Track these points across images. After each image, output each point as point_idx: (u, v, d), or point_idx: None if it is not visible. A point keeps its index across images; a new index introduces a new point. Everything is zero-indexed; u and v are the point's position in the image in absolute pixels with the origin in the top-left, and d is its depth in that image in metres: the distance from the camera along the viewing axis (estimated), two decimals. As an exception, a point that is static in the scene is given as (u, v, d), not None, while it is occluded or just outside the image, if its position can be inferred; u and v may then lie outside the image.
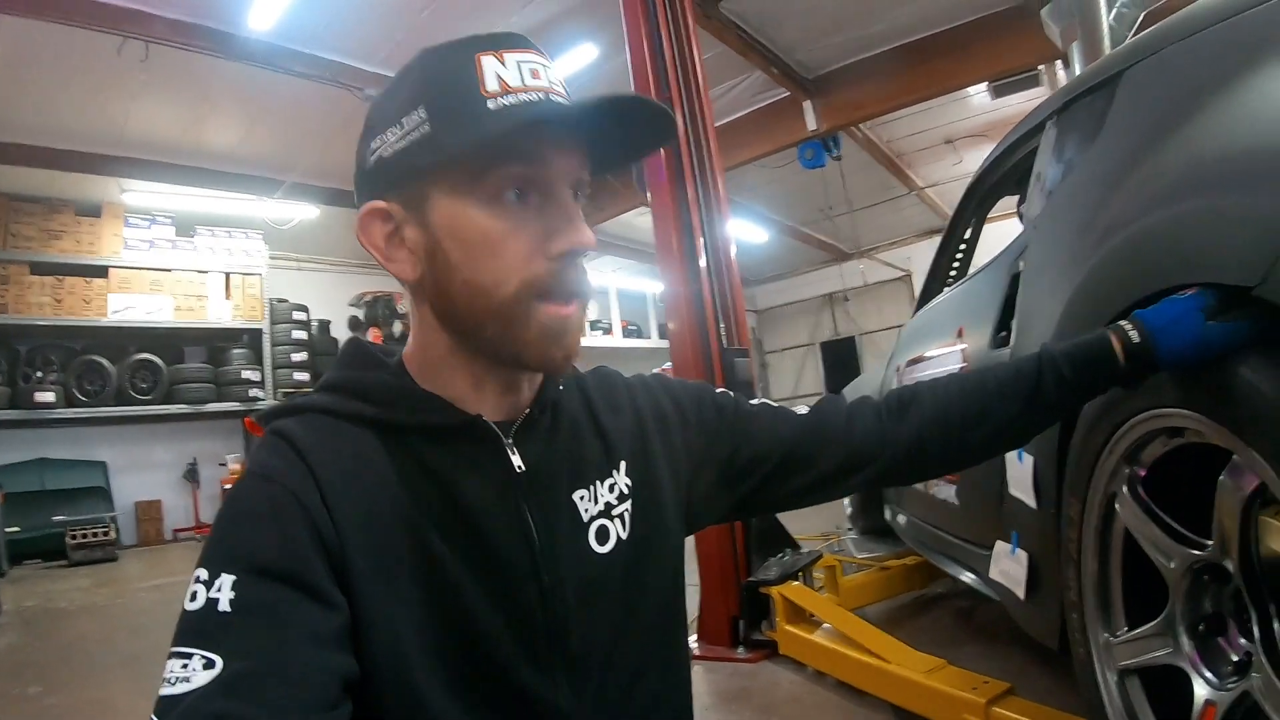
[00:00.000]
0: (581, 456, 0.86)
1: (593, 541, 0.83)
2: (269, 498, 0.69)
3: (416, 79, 0.74)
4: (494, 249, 0.72)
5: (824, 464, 0.95)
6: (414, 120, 0.72)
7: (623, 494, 0.87)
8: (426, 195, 0.73)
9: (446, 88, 0.72)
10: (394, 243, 0.77)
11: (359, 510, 0.71)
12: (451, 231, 0.73)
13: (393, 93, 0.76)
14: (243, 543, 0.66)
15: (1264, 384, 0.79)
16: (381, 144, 0.75)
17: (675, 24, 3.33)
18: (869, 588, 3.08)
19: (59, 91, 5.93)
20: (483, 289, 0.73)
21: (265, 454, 0.74)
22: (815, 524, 4.85)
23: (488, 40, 0.73)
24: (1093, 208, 1.33)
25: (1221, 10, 1.13)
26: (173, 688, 0.59)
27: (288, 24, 5.43)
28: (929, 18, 6.46)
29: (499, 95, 0.71)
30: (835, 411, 0.99)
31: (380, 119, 0.76)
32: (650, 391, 0.97)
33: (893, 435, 0.96)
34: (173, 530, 8.47)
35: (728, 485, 0.96)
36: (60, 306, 7.71)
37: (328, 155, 7.49)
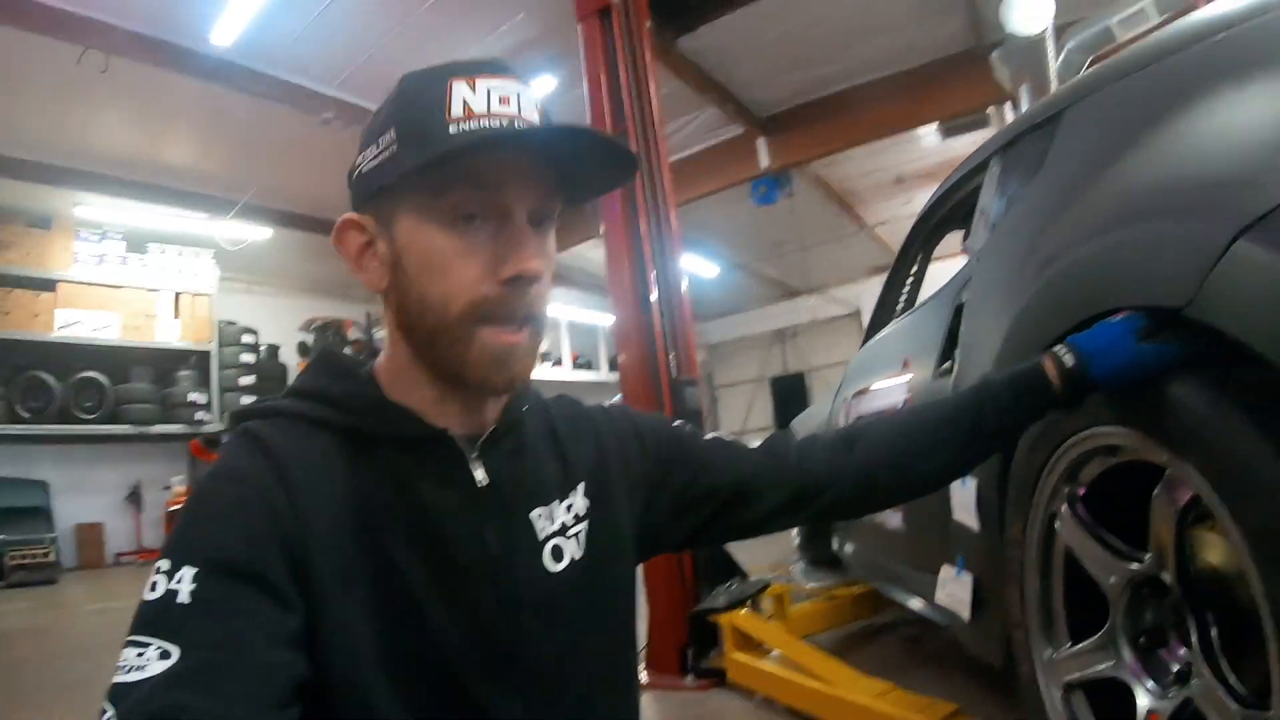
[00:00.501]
0: (541, 476, 0.88)
1: (547, 559, 0.84)
2: (236, 496, 0.70)
3: (394, 101, 0.78)
4: (444, 268, 0.75)
5: (774, 498, 0.99)
6: (386, 140, 0.76)
7: (579, 515, 0.89)
8: (394, 211, 0.77)
9: (415, 111, 0.75)
10: (367, 254, 0.80)
11: (324, 514, 0.72)
12: (410, 247, 0.76)
13: (377, 114, 0.80)
14: (207, 537, 0.67)
15: (1194, 400, 0.83)
16: (362, 160, 0.79)
17: (633, 58, 3.38)
18: (817, 616, 3.10)
19: (15, 99, 5.80)
20: (432, 306, 0.75)
21: (234, 452, 0.75)
22: (764, 554, 4.86)
23: (465, 66, 0.76)
24: (1033, 239, 1.39)
25: (1152, 54, 1.20)
26: (127, 675, 0.59)
27: (248, 42, 5.38)
28: (881, 60, 6.64)
29: (461, 120, 0.73)
30: (786, 447, 1.03)
31: (365, 137, 0.79)
32: (612, 421, 1.00)
33: (840, 470, 1.00)
34: (114, 554, 8.18)
35: (681, 515, 0.99)
36: (6, 319, 7.46)
37: (283, 177, 7.42)
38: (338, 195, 3.83)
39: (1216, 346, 0.80)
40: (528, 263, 0.75)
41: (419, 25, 5.48)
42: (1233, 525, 0.79)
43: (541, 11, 5.41)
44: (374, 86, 6.16)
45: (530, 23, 5.59)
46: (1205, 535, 0.92)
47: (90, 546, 8.01)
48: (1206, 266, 0.78)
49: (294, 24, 5.36)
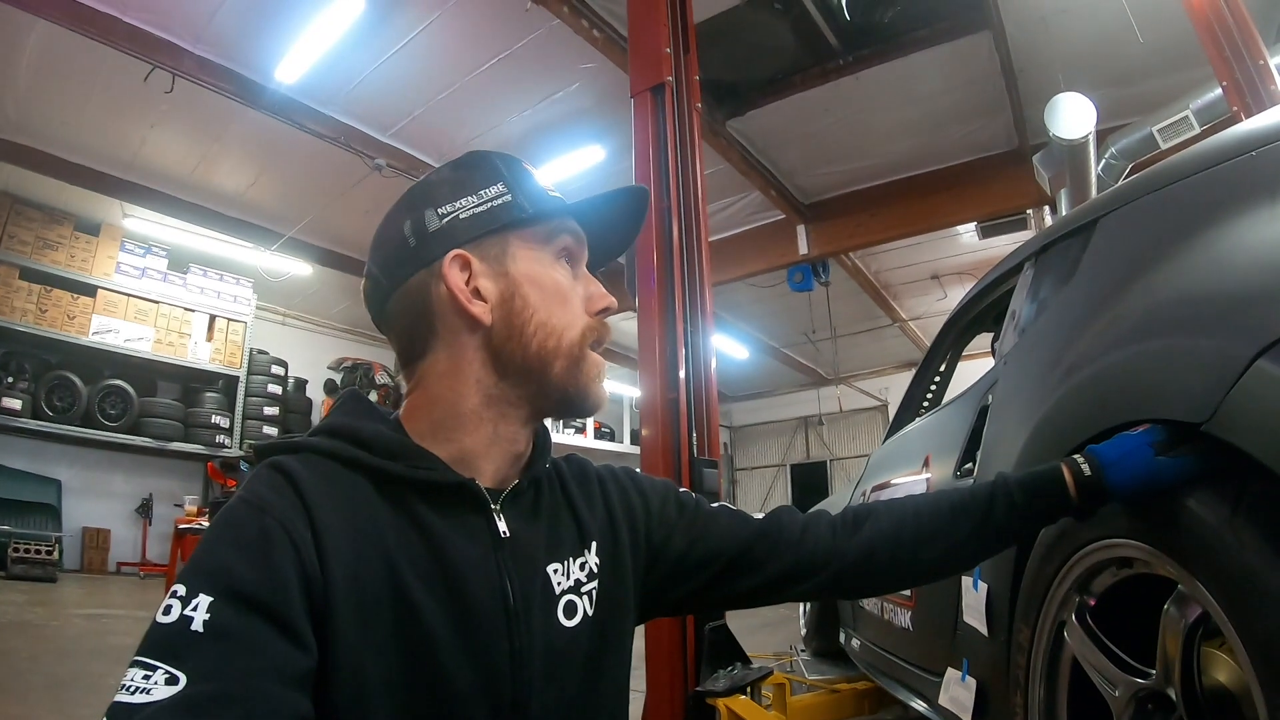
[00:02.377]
0: (558, 532, 0.91)
1: (561, 614, 0.86)
2: (261, 528, 0.70)
3: (485, 165, 0.91)
4: (565, 298, 0.88)
5: (772, 568, 1.00)
6: (495, 191, 0.87)
7: (592, 573, 0.91)
8: (505, 250, 0.87)
9: (516, 175, 0.90)
10: (472, 288, 0.86)
11: (347, 555, 0.73)
12: (530, 278, 0.87)
13: (454, 175, 0.91)
14: (227, 567, 0.67)
15: (1209, 516, 0.83)
16: (456, 208, 0.87)
17: (681, 136, 3.45)
18: (817, 709, 3.02)
19: (81, 106, 6.01)
20: (556, 330, 0.87)
21: (262, 485, 0.75)
22: (770, 642, 4.78)
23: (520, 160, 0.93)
24: (1060, 346, 1.40)
25: (1187, 167, 1.22)
26: (131, 696, 0.59)
27: (312, 81, 5.61)
28: (925, 155, 6.76)
29: (550, 190, 0.91)
30: (791, 520, 1.04)
31: (447, 192, 0.88)
32: (619, 483, 1.02)
33: (843, 547, 1.01)
34: (117, 563, 8.17)
35: (679, 579, 1.00)
36: (43, 317, 7.63)
37: (330, 216, 7.61)
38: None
39: (1234, 463, 0.80)
40: (611, 299, 0.93)
41: (476, 86, 5.70)
42: (1239, 643, 0.78)
43: (596, 84, 5.61)
44: (426, 139, 6.39)
45: (584, 93, 5.78)
46: (1213, 653, 0.90)
47: (94, 551, 8.03)
48: (1227, 384, 0.78)
49: (357, 70, 5.58)
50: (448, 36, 5.26)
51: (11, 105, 5.96)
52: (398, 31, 5.21)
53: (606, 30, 4.95)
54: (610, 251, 1.00)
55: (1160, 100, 4.63)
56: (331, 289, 9.64)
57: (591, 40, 5.00)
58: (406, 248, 0.86)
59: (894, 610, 2.32)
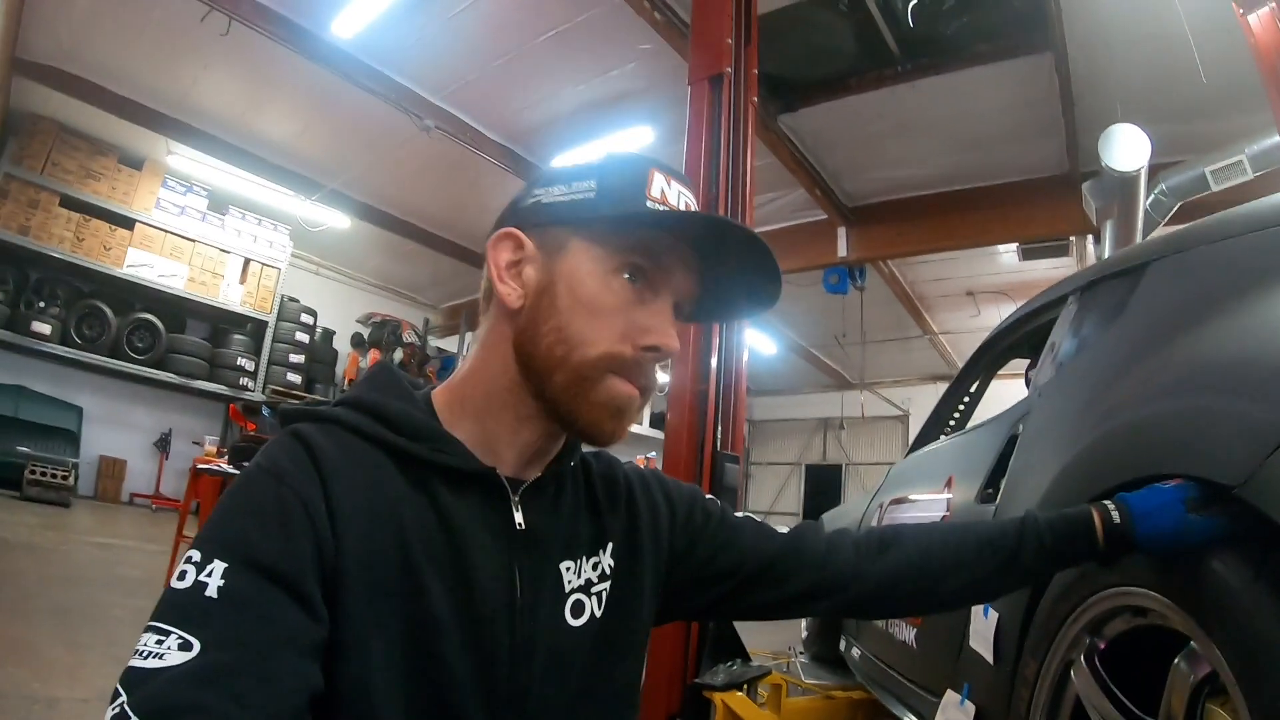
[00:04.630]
0: (575, 530, 0.90)
1: (568, 613, 0.85)
2: (277, 498, 0.70)
3: (598, 164, 0.85)
4: (595, 313, 0.80)
5: (793, 585, 1.00)
6: (583, 186, 0.83)
7: (605, 574, 0.90)
8: (563, 245, 0.82)
9: (620, 176, 0.83)
10: (512, 270, 0.84)
11: (361, 530, 0.73)
12: (569, 281, 0.81)
13: (574, 165, 0.86)
14: (242, 534, 0.67)
15: (1231, 579, 0.83)
16: (545, 194, 0.85)
17: (735, 127, 3.43)
18: (811, 713, 3.04)
19: (135, 41, 6.07)
20: (569, 340, 0.79)
21: (281, 453, 0.75)
22: (770, 641, 4.79)
23: (664, 165, 0.85)
24: (1100, 388, 1.39)
25: (1246, 223, 1.21)
26: (144, 661, 0.59)
27: (368, 38, 5.63)
28: (973, 171, 6.70)
29: (658, 202, 0.82)
30: (815, 538, 1.03)
31: (551, 178, 0.86)
32: (646, 486, 1.01)
33: (866, 571, 1.01)
34: (130, 493, 8.35)
35: (701, 587, 1.00)
36: (80, 245, 7.78)
37: (373, 172, 7.66)
38: (423, 200, 4.08)
39: (1261, 530, 0.80)
40: (669, 339, 0.82)
41: (532, 55, 5.69)
42: (1244, 707, 0.79)
43: (652, 66, 5.58)
44: (477, 105, 6.41)
45: (639, 74, 5.76)
46: (1218, 712, 0.91)
47: (110, 480, 8.21)
48: (1265, 450, 0.78)
49: (414, 30, 5.58)
50: (508, 4, 5.25)
51: (66, 34, 6.02)
52: (460, -5, 5.21)
53: (668, 14, 4.93)
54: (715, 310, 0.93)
55: (1216, 141, 4.56)
56: (368, 243, 9.72)
57: (652, 22, 4.97)
58: (501, 217, 0.87)
59: (899, 625, 2.33)
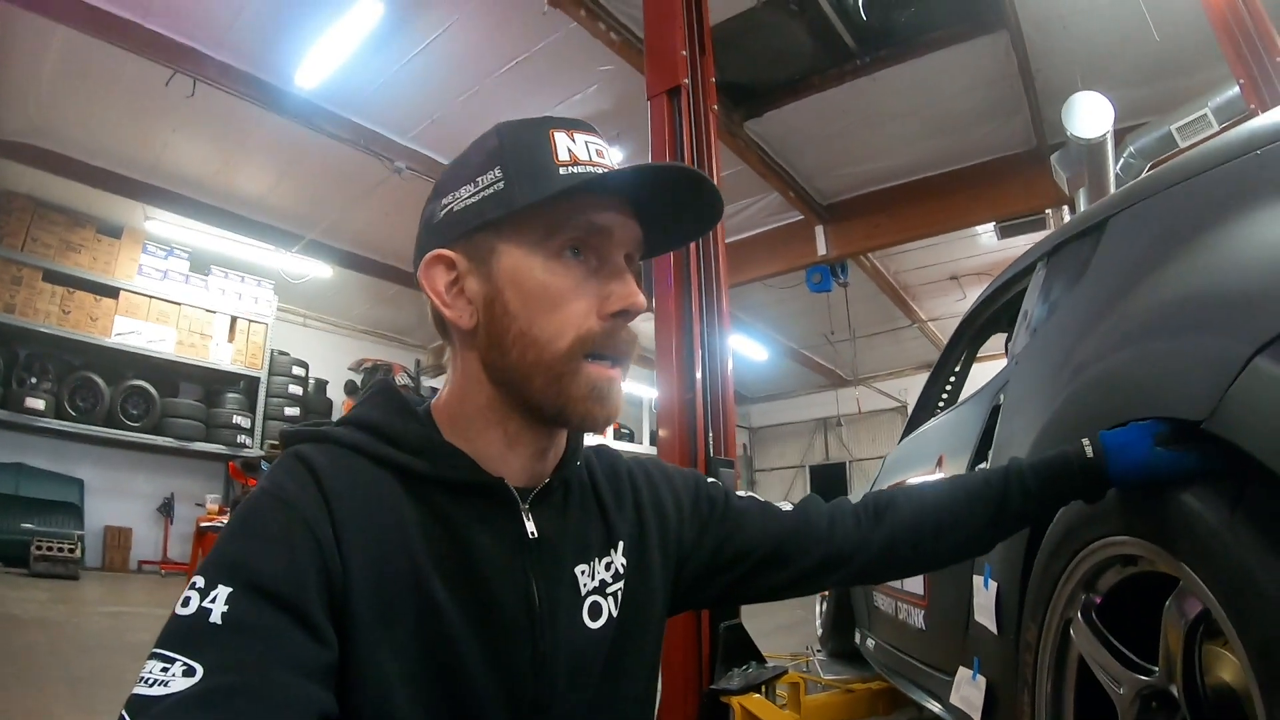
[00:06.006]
0: (586, 533, 0.89)
1: (586, 616, 0.84)
2: (282, 522, 0.69)
3: (493, 145, 0.81)
4: (553, 303, 0.77)
5: (804, 562, 1.00)
6: (489, 178, 0.78)
7: (618, 573, 0.90)
8: (493, 247, 0.79)
9: (522, 152, 0.79)
10: (453, 291, 0.81)
11: (369, 551, 0.72)
12: (514, 282, 0.78)
13: (468, 158, 0.82)
14: (246, 559, 0.66)
15: (1208, 514, 0.83)
16: (454, 200, 0.81)
17: (698, 138, 3.46)
18: (831, 709, 3.02)
19: (103, 110, 6.10)
20: (537, 341, 0.77)
21: (284, 476, 0.74)
22: (786, 644, 4.77)
23: (560, 121, 0.81)
24: (1070, 346, 1.40)
25: (1196, 166, 1.22)
26: (149, 689, 0.58)
27: (331, 86, 5.66)
28: (943, 156, 6.74)
29: (569, 165, 0.78)
30: (818, 513, 1.03)
31: (453, 179, 0.82)
32: (650, 479, 1.00)
33: (868, 539, 1.01)
34: (138, 561, 8.25)
35: (713, 575, 0.99)
36: (66, 318, 7.74)
37: (349, 218, 7.66)
38: (402, 242, 4.08)
39: (1234, 463, 0.80)
40: (634, 297, 0.79)
41: (494, 89, 5.72)
42: (1237, 639, 0.79)
43: (613, 86, 5.63)
44: (446, 142, 6.43)
45: (601, 96, 5.80)
46: (1217, 651, 0.91)
47: (116, 550, 8.11)
48: (1225, 382, 0.79)
49: (376, 74, 5.62)
50: (466, 40, 5.29)
51: (35, 109, 6.04)
52: (416, 36, 5.25)
53: (624, 33, 4.97)
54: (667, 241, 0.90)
55: (1178, 99, 4.60)
56: (352, 291, 9.72)
57: (609, 43, 5.01)
58: (421, 238, 0.84)
59: (908, 610, 2.32)
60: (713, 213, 0.87)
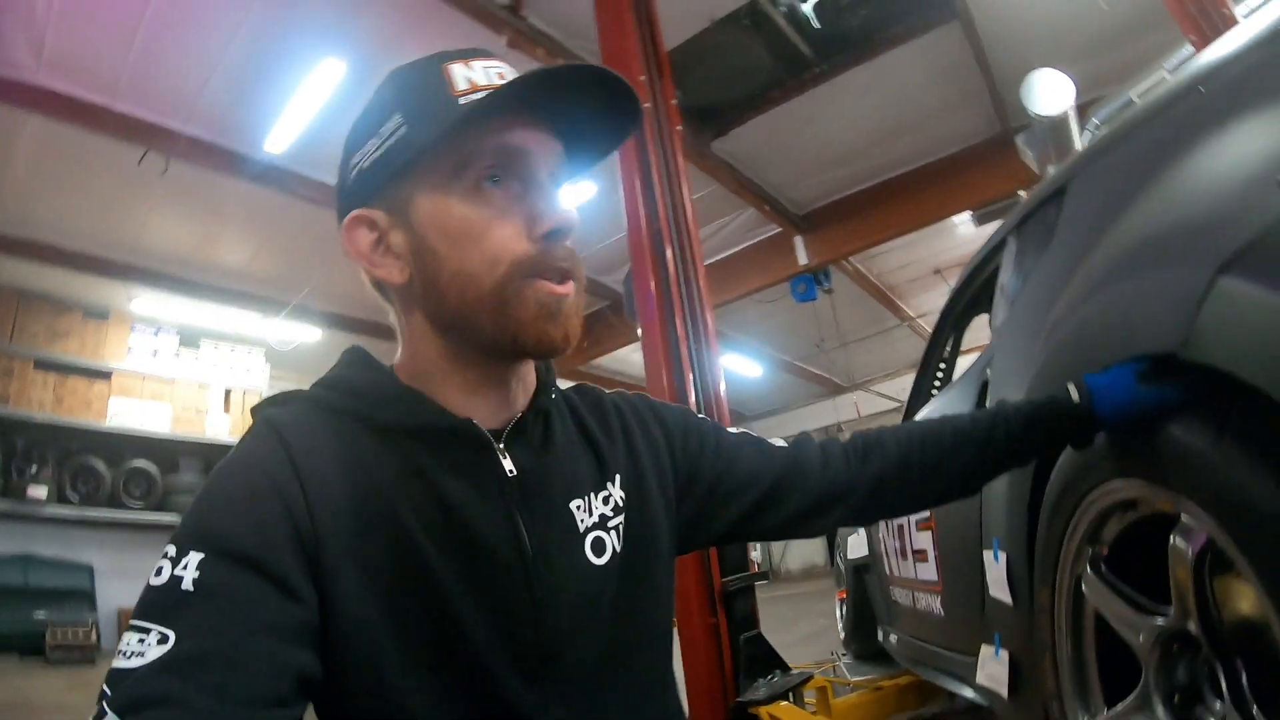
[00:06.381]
0: (576, 467, 0.85)
1: (589, 553, 0.81)
2: (247, 484, 0.69)
3: (389, 93, 0.78)
4: (479, 236, 0.74)
5: (798, 502, 0.98)
6: (390, 126, 0.76)
7: (618, 506, 0.86)
8: (409, 197, 0.76)
9: (419, 93, 0.76)
10: (379, 250, 0.79)
11: (341, 507, 0.70)
12: (435, 225, 0.75)
13: (367, 112, 0.80)
14: (215, 525, 0.66)
15: (1196, 440, 0.84)
16: (361, 157, 0.78)
17: (665, 160, 3.49)
18: (861, 709, 2.99)
19: (79, 195, 6.11)
20: (473, 277, 0.74)
21: (251, 440, 0.74)
22: (810, 653, 4.73)
23: (454, 53, 0.78)
24: (1045, 309, 1.41)
25: (1142, 117, 1.25)
26: (126, 660, 0.59)
27: (301, 148, 5.67)
28: (911, 152, 6.79)
29: (469, 92, 0.74)
30: (812, 450, 1.02)
31: (357, 137, 0.80)
32: (638, 412, 0.97)
33: (857, 478, 1.00)
34: (154, 641, 8.16)
35: (710, 513, 0.97)
36: (60, 405, 7.69)
37: (332, 279, 7.63)
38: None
39: (1216, 386, 0.81)
40: (564, 215, 0.76)
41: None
42: (1245, 563, 0.79)
43: (578, 119, 5.65)
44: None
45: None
46: (1228, 582, 0.90)
47: (131, 631, 8.00)
48: (1194, 308, 0.80)
49: (344, 132, 5.60)
50: (429, 90, 5.33)
51: (11, 200, 6.06)
52: (379, 92, 5.29)
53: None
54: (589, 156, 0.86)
55: (1136, 66, 4.63)
56: (341, 351, 9.66)
57: (566, 78, 5.06)
58: (339, 207, 0.82)
59: (925, 599, 2.31)
60: (630, 109, 0.82)
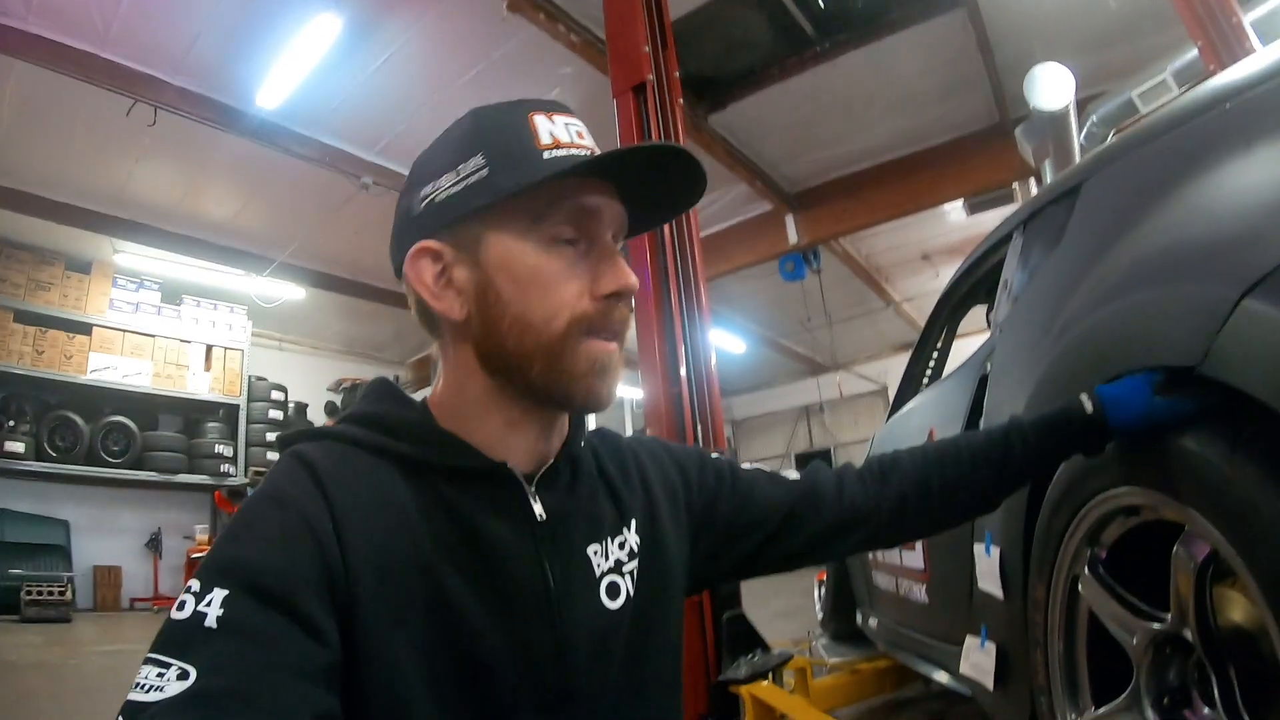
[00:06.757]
0: (597, 512, 0.87)
1: (604, 596, 0.83)
2: (280, 522, 0.68)
3: (471, 131, 0.80)
4: (546, 286, 0.76)
5: (816, 527, 1.00)
6: (471, 166, 0.77)
7: (633, 551, 0.88)
8: (480, 236, 0.77)
9: (504, 138, 0.78)
10: (441, 282, 0.79)
11: (374, 546, 0.70)
12: (505, 269, 0.77)
13: (445, 145, 0.81)
14: (243, 561, 0.65)
15: (1210, 455, 0.85)
16: (434, 189, 0.79)
17: (666, 133, 3.45)
18: (840, 690, 3.04)
19: (65, 145, 6.01)
20: (533, 325, 0.76)
21: (282, 476, 0.72)
22: (787, 630, 4.79)
23: (537, 103, 0.81)
24: (1054, 309, 1.42)
25: (1164, 125, 1.25)
26: (144, 694, 0.57)
27: (294, 105, 5.60)
28: (908, 137, 6.79)
29: (552, 148, 0.77)
30: (826, 477, 1.04)
31: (431, 168, 0.81)
32: (655, 456, 0.99)
33: (877, 503, 1.01)
34: (130, 599, 8.13)
35: (728, 547, 0.99)
36: (40, 359, 7.64)
37: (320, 238, 7.60)
38: (373, 259, 4.05)
39: (1231, 403, 0.82)
40: (627, 279, 0.79)
41: (458, 98, 5.67)
42: (1249, 577, 0.80)
43: (576, 88, 5.61)
44: (412, 155, 6.28)
45: (565, 98, 5.64)
46: (1226, 592, 0.93)
47: (107, 589, 8.00)
48: (1216, 325, 0.80)
49: (337, 91, 5.58)
50: (426, 51, 5.27)
51: (-5, 148, 5.95)
52: (376, 49, 5.22)
53: (584, 34, 4.97)
54: (648, 220, 0.89)
55: (1138, 65, 4.64)
56: (326, 311, 9.65)
57: (569, 45, 5.02)
58: (400, 232, 0.82)
59: (909, 585, 2.34)
60: (696, 189, 0.86)
